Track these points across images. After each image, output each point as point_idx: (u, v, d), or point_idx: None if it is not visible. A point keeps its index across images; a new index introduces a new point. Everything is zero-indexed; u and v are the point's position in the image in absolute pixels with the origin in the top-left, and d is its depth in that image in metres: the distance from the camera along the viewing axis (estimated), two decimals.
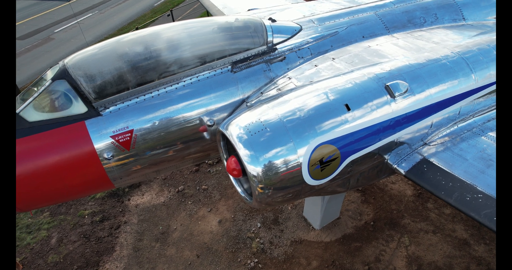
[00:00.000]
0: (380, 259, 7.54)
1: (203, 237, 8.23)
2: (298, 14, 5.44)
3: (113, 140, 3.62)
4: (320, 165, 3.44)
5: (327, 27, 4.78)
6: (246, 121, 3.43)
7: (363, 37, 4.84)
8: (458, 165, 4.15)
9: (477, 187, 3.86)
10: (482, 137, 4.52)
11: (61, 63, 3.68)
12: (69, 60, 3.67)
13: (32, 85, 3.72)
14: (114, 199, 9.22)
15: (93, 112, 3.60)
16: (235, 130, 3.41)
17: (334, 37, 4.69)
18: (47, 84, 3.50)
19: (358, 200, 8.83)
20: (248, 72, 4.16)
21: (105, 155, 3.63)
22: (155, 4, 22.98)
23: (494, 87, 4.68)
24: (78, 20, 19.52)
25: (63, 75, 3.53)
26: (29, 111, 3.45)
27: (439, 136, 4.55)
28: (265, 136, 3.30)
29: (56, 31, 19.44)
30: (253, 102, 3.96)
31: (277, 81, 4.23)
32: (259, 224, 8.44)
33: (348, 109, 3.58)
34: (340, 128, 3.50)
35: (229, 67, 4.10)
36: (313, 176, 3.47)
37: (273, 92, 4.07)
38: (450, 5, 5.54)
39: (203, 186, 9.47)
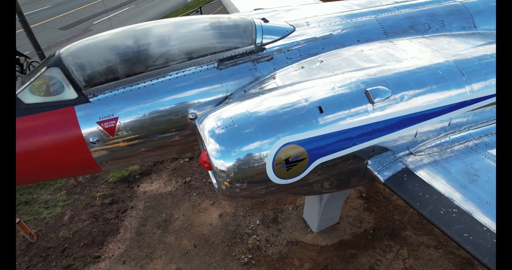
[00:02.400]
0: (375, 268, 7.39)
1: (203, 229, 8.47)
2: (301, 16, 5.46)
3: (98, 126, 3.90)
4: (286, 164, 3.49)
5: (321, 30, 4.78)
6: (218, 116, 3.56)
7: (358, 41, 4.78)
8: (440, 177, 4.02)
9: (454, 202, 3.74)
10: (474, 151, 4.34)
11: (57, 51, 4.02)
12: (65, 50, 4.00)
13: (33, 70, 4.09)
14: (125, 185, 9.71)
15: (82, 98, 3.89)
16: (205, 124, 3.55)
17: (327, 40, 4.68)
18: (42, 70, 3.85)
19: (360, 207, 8.69)
20: (233, 70, 4.28)
21: (91, 139, 3.91)
22: (189, 0, 23.77)
23: (493, 99, 4.47)
24: (116, 13, 20.65)
25: (57, 62, 3.85)
26: (26, 93, 3.81)
27: (428, 146, 4.42)
28: (232, 132, 3.41)
29: (94, 23, 20.74)
30: (234, 99, 4.08)
31: (262, 80, 4.31)
32: (258, 221, 8.55)
33: (321, 111, 3.60)
34: (309, 129, 3.53)
35: (216, 64, 4.25)
36: (278, 175, 3.53)
37: (255, 90, 4.17)
38: (461, 12, 5.32)
39: (209, 179, 9.72)
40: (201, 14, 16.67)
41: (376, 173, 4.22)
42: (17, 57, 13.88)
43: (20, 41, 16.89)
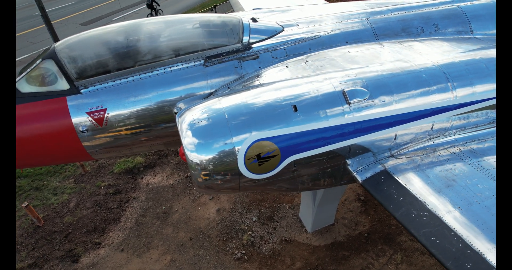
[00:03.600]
0: None
1: (200, 222, 8.67)
2: (296, 16, 5.54)
3: (88, 116, 4.13)
4: (258, 160, 3.60)
5: (310, 30, 4.84)
6: (195, 111, 3.71)
7: (347, 42, 4.81)
8: (417, 181, 4.02)
9: (426, 205, 3.74)
10: (457, 157, 4.30)
11: (53, 45, 4.28)
12: (59, 43, 4.26)
13: (31, 61, 4.38)
14: (129, 176, 10.05)
15: (74, 89, 4.14)
16: (183, 119, 3.71)
17: (315, 41, 4.74)
18: (38, 62, 4.12)
19: (357, 210, 8.65)
20: (219, 67, 4.42)
21: (81, 128, 4.16)
22: None
23: (481, 104, 4.42)
24: (135, 10, 21.34)
25: (51, 55, 4.12)
26: (22, 83, 4.09)
27: (410, 149, 4.42)
28: (206, 127, 3.54)
29: (114, 19, 21.50)
30: (215, 95, 4.21)
31: (246, 78, 4.43)
32: (254, 218, 8.68)
33: (295, 110, 3.68)
34: (282, 127, 3.62)
35: (202, 61, 4.40)
36: (250, 170, 3.64)
37: (239, 88, 4.29)
38: (457, 16, 5.24)
39: None
40: (215, 12, 16.93)
41: (355, 173, 4.27)
42: (153, 4, 18.66)
43: (43, 36, 17.72)
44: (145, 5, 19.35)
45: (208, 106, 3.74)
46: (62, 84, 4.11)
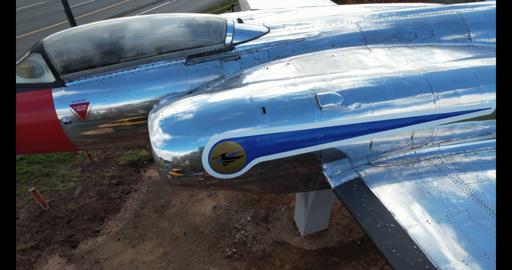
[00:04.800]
0: None
1: (195, 218, 8.80)
2: (290, 18, 5.50)
3: (71, 109, 4.30)
4: (222, 159, 3.62)
5: (296, 33, 4.79)
6: (165, 109, 3.79)
7: (333, 46, 4.73)
8: (390, 191, 3.91)
9: (394, 217, 3.63)
10: (437, 168, 4.14)
11: (42, 39, 4.48)
12: (47, 38, 4.45)
13: (22, 54, 4.60)
14: (133, 168, 10.33)
15: (59, 82, 4.31)
16: (153, 116, 3.79)
17: (299, 43, 4.69)
18: (26, 54, 4.33)
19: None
20: (200, 67, 4.46)
21: (64, 120, 4.33)
22: None
23: (467, 116, 4.23)
24: (157, 6, 21.90)
25: (39, 49, 4.31)
26: None
27: (389, 158, 4.30)
28: (173, 125, 3.60)
29: (137, 15, 22.07)
30: (191, 94, 4.26)
31: (226, 78, 4.46)
32: (248, 218, 8.70)
33: (264, 112, 3.67)
34: (248, 128, 3.62)
35: (184, 60, 4.47)
36: (215, 169, 3.67)
37: (217, 88, 4.32)
38: (456, 22, 5.02)
39: None
40: (233, 11, 17.04)
41: (328, 179, 4.21)
42: None
43: None
44: (169, 2, 19.50)
45: (178, 104, 3.80)
46: (48, 77, 4.30)
